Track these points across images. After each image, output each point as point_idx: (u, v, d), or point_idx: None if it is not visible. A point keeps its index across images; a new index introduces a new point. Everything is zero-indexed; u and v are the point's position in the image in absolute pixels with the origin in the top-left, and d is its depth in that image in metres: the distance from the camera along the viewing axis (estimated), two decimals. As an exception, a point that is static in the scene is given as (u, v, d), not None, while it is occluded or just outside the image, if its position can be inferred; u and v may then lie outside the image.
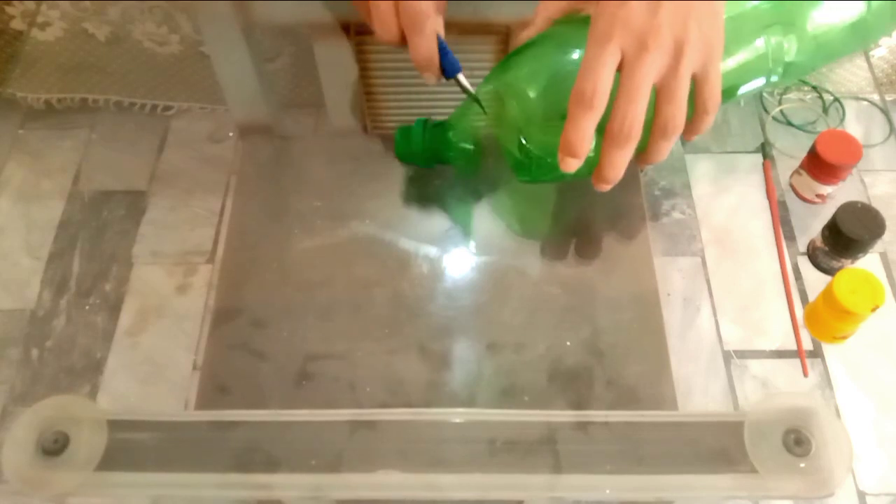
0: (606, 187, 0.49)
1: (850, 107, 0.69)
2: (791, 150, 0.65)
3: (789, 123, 0.65)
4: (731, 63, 0.53)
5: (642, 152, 0.49)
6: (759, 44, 0.54)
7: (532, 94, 0.50)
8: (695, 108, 0.48)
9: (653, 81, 0.45)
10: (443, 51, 0.50)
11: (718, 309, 0.57)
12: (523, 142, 0.50)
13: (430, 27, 0.49)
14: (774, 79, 0.56)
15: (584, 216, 0.60)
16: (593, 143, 0.47)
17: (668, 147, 0.48)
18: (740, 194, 0.63)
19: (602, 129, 0.46)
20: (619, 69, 0.45)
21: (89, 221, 0.63)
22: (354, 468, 0.47)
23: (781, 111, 0.66)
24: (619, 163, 0.47)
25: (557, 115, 0.47)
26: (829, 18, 0.57)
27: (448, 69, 0.50)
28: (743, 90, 0.57)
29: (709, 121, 0.49)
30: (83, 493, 0.47)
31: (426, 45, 0.49)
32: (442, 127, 0.56)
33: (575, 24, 0.51)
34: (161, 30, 0.71)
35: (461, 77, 0.51)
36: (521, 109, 0.50)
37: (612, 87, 0.45)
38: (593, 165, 0.48)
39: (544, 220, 0.60)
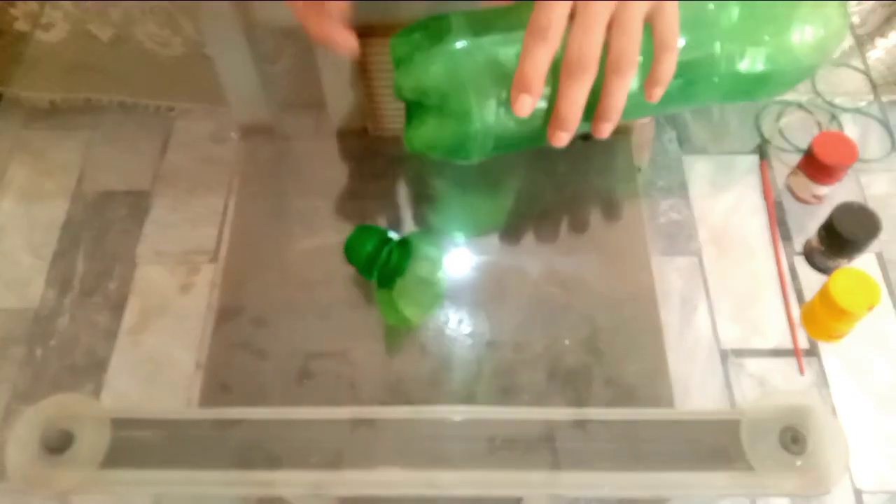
0: (564, 136, 0.47)
1: (847, 111, 0.69)
2: (788, 150, 0.65)
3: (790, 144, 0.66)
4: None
5: (599, 106, 0.47)
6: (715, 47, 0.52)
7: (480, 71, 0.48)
8: (654, 46, 0.46)
9: (608, 13, 0.44)
10: None
11: (716, 308, 0.58)
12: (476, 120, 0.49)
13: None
14: (716, 80, 0.53)
15: (582, 216, 0.60)
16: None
17: (623, 87, 0.46)
18: (737, 194, 0.64)
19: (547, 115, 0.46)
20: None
21: (92, 221, 0.64)
22: (355, 465, 0.48)
23: (779, 128, 0.66)
24: (576, 98, 0.45)
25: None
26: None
27: None
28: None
29: (670, 60, 0.46)
30: (86, 491, 0.47)
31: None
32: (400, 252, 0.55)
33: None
34: (163, 31, 0.72)
35: None
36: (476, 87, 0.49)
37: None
38: (542, 131, 0.48)
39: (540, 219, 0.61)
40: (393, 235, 0.54)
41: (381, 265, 0.53)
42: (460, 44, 0.49)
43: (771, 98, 0.68)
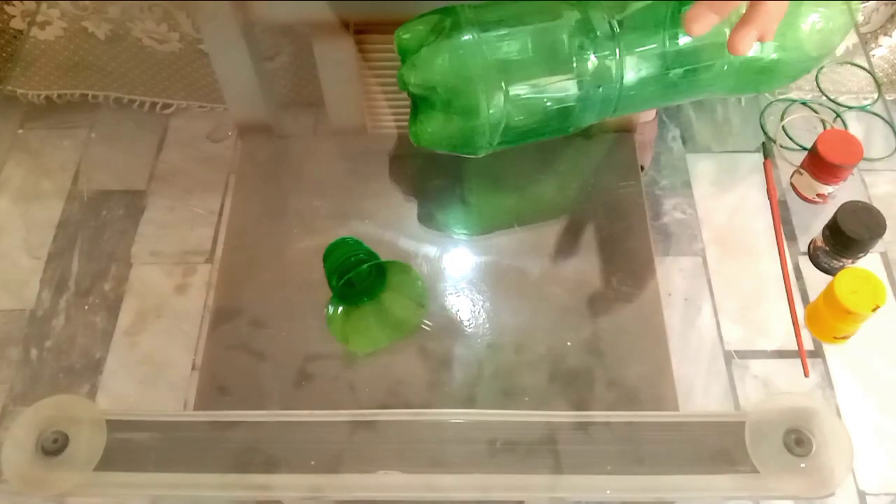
0: (695, 27, 0.46)
1: (851, 109, 0.68)
2: (792, 149, 0.65)
3: (793, 141, 0.65)
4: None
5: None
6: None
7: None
8: None
9: None
10: None
11: (719, 309, 0.57)
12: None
13: None
14: (725, 67, 0.53)
15: (585, 216, 0.60)
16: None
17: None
18: (741, 194, 0.63)
19: None
20: None
21: (88, 221, 0.63)
22: (354, 469, 0.47)
23: (783, 127, 0.66)
24: (708, 15, 0.44)
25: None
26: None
27: None
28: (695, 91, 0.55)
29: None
30: (82, 493, 0.47)
31: None
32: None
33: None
34: (161, 28, 0.71)
35: None
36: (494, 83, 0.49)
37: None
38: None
39: (545, 218, 0.60)
40: (371, 256, 0.52)
41: (344, 281, 0.51)
42: (467, 37, 0.48)
43: (774, 91, 0.67)
